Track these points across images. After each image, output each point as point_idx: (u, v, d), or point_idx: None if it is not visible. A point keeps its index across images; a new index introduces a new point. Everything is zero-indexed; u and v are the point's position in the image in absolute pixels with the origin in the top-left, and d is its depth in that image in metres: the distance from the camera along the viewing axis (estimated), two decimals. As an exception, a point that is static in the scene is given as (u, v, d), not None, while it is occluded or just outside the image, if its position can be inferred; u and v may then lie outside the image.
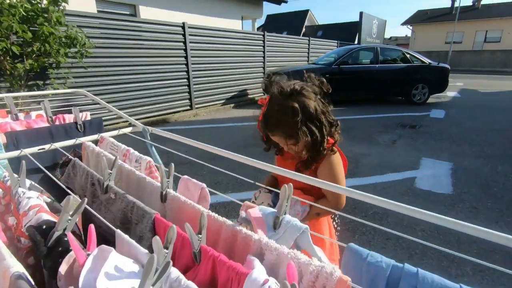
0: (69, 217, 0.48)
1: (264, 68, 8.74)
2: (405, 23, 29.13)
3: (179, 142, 0.91)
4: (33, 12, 3.53)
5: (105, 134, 1.01)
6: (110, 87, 5.17)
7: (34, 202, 0.56)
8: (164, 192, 0.64)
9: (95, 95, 4.76)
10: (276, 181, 1.19)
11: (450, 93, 9.43)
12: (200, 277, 0.45)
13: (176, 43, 6.17)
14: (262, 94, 8.66)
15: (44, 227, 0.49)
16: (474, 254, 1.99)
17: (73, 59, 4.31)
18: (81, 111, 1.15)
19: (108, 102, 5.18)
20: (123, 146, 0.94)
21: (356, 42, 17.00)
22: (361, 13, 13.01)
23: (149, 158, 0.85)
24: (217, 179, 3.20)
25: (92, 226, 0.44)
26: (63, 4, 3.83)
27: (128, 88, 5.45)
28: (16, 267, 0.41)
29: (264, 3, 11.54)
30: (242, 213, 0.56)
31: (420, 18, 28.59)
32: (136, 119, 4.91)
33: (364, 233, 2.23)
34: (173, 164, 0.66)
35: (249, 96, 8.46)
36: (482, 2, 26.75)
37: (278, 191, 0.90)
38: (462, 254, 0.53)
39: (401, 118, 6.09)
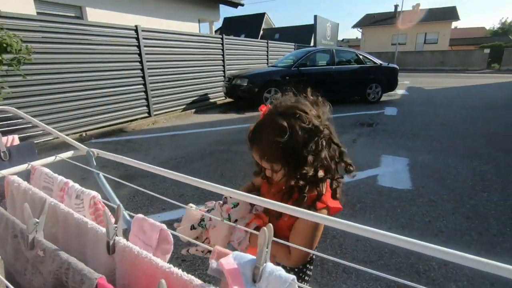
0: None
1: (224, 71, 8.61)
2: (355, 26, 30.98)
3: (139, 152, 0.77)
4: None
5: (38, 162, 0.83)
6: (56, 96, 4.68)
7: None
8: (111, 242, 0.51)
9: (38, 105, 4.30)
10: (256, 193, 1.08)
11: (399, 91, 10.14)
12: None
13: (129, 47, 5.79)
14: (224, 98, 8.52)
15: None
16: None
17: (9, 66, 3.82)
18: (7, 132, 0.95)
19: (54, 113, 4.73)
20: (60, 178, 0.76)
21: (312, 44, 17.60)
22: (315, 16, 13.46)
23: (93, 193, 0.69)
24: (181, 191, 3.01)
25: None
26: None
27: (77, 96, 4.98)
28: None
29: (221, 6, 11.42)
30: (213, 263, 0.45)
31: (368, 21, 30.63)
32: (89, 130, 4.53)
33: (335, 237, 2.22)
34: (121, 205, 0.53)
35: (211, 101, 8.27)
36: (420, 7, 29.41)
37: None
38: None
39: (359, 117, 6.37)
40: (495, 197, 2.78)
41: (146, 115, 6.32)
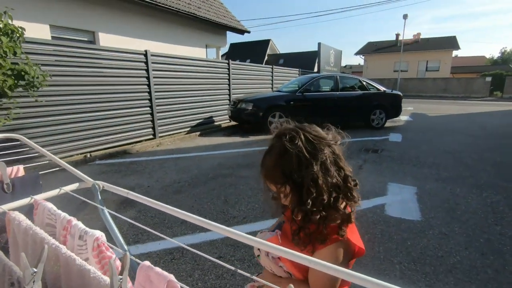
0: None
1: (229, 95, 8.75)
2: (358, 53, 31.79)
3: (142, 174, 0.74)
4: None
5: (40, 196, 0.80)
6: (63, 117, 4.74)
7: None
8: (115, 295, 0.46)
9: (45, 126, 4.35)
10: None
11: (403, 117, 10.17)
12: None
13: (138, 71, 5.94)
14: (229, 121, 8.60)
15: None
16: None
17: (22, 89, 3.92)
18: (11, 162, 0.93)
19: (61, 134, 4.76)
20: (63, 215, 0.73)
21: (315, 70, 17.99)
22: (319, 44, 13.86)
23: (97, 234, 0.65)
24: (180, 219, 2.94)
25: None
26: (17, 35, 3.56)
27: (84, 118, 5.04)
28: None
29: (228, 32, 11.83)
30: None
31: (371, 49, 31.45)
32: (94, 151, 4.53)
33: None
34: (128, 254, 0.50)
35: (215, 124, 8.34)
36: (421, 37, 30.25)
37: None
38: None
39: (364, 142, 6.34)
40: (509, 231, 2.67)
41: (151, 137, 6.36)
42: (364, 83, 8.24)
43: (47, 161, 4.36)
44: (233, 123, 8.43)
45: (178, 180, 3.97)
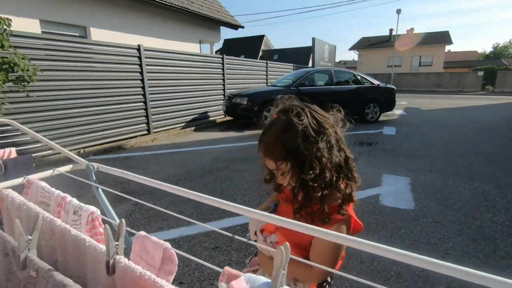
0: None
1: (224, 90, 8.71)
2: (352, 48, 31.87)
3: (137, 169, 0.74)
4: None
5: (35, 176, 0.79)
6: (56, 113, 4.68)
7: None
8: (111, 261, 0.46)
9: (37, 122, 4.30)
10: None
11: (397, 111, 10.26)
12: None
13: (131, 66, 5.88)
14: (223, 116, 8.57)
15: None
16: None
17: (14, 84, 3.85)
18: (5, 146, 0.92)
19: (54, 129, 4.72)
20: (57, 192, 0.73)
21: (310, 65, 17.99)
22: (313, 39, 13.85)
23: (92, 208, 0.65)
24: (180, 209, 2.94)
25: None
26: (4, 27, 3.46)
27: (77, 113, 4.98)
28: None
29: (222, 28, 11.74)
30: (223, 285, 0.41)
31: (364, 44, 31.54)
32: (87, 147, 4.50)
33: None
34: (123, 221, 0.50)
35: (210, 119, 8.31)
36: (414, 32, 30.42)
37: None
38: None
39: (358, 136, 6.39)
40: (501, 218, 2.72)
41: (146, 132, 6.31)
42: (359, 77, 8.28)
43: (39, 146, 4.33)
44: (228, 118, 8.42)
45: (173, 174, 3.96)
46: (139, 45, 5.97)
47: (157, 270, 0.49)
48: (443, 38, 27.82)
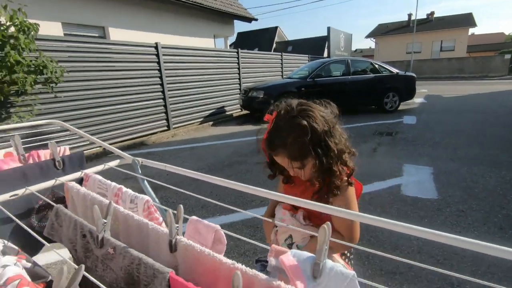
0: (63, 292, 0.38)
1: (240, 84, 8.77)
2: (369, 36, 30.94)
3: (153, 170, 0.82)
4: (-1, 39, 3.32)
5: (90, 170, 0.89)
6: (81, 112, 4.91)
7: (13, 271, 0.44)
8: (173, 241, 0.54)
9: (66, 121, 4.54)
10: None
11: (417, 99, 9.96)
12: None
13: (150, 64, 6.04)
14: (240, 110, 8.65)
15: (30, 308, 0.38)
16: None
17: (41, 86, 4.08)
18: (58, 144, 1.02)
19: (79, 128, 4.94)
20: (113, 184, 0.82)
21: (325, 55, 17.68)
22: (328, 28, 13.60)
23: (146, 197, 0.74)
24: (203, 202, 3.05)
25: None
26: (32, 32, 3.65)
27: (101, 112, 5.20)
28: None
29: (235, 21, 11.74)
30: (273, 260, 0.48)
31: (382, 31, 30.54)
32: (111, 144, 4.74)
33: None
34: (181, 206, 0.57)
35: (227, 113, 8.41)
36: (435, 15, 29.11)
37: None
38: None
39: (377, 126, 6.29)
40: (529, 207, 2.65)
41: (166, 128, 6.50)
42: (376, 65, 8.09)
43: (80, 143, 4.66)
44: (244, 111, 8.49)
45: (195, 169, 4.09)
46: (156, 43, 6.11)
47: (208, 250, 0.56)
48: (466, 20, 26.47)
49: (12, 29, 3.54)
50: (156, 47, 6.10)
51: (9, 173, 0.84)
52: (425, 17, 29.20)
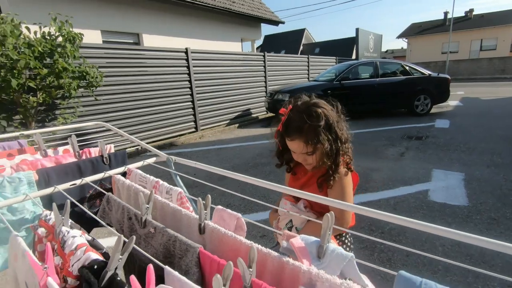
0: (120, 256, 0.49)
1: (266, 87, 8.89)
2: (400, 36, 29.80)
3: (186, 165, 0.94)
4: (48, 47, 3.69)
5: (131, 166, 1.03)
6: (117, 114, 5.28)
7: (80, 241, 0.57)
8: (202, 224, 0.65)
9: (104, 122, 4.90)
10: None
11: (452, 102, 9.48)
12: (254, 312, 0.45)
13: (180, 68, 6.34)
14: (265, 112, 8.76)
15: (95, 267, 0.50)
16: (499, 268, 1.94)
17: (83, 90, 4.46)
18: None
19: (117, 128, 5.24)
20: (152, 177, 0.96)
21: (353, 57, 17.33)
22: (357, 29, 13.35)
23: (179, 189, 0.86)
24: (228, 201, 3.18)
25: (150, 266, 0.44)
26: (77, 41, 4.02)
27: (135, 114, 5.56)
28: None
29: (262, 24, 11.90)
30: (284, 243, 0.56)
31: (414, 31, 29.27)
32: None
33: (383, 251, 2.19)
34: (209, 196, 0.68)
35: (253, 115, 8.56)
36: (474, 12, 27.40)
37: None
38: (486, 268, 0.52)
39: (406, 130, 6.10)
40: None
41: (194, 130, 6.77)
42: (407, 67, 7.83)
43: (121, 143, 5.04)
44: (270, 114, 8.59)
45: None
46: (186, 48, 6.40)
47: (231, 232, 0.66)
48: (511, 17, 24.62)
49: (60, 38, 3.92)
50: (186, 52, 6.40)
51: (67, 166, 1.00)
52: (463, 14, 27.60)
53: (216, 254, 0.59)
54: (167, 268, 0.51)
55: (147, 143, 5.77)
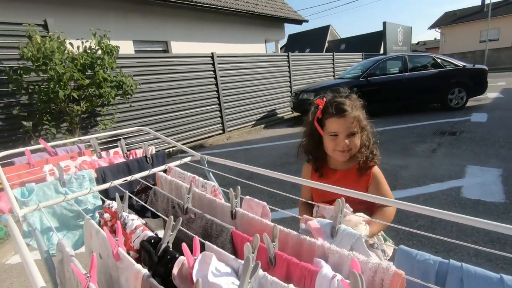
0: (171, 233, 0.62)
1: (290, 87, 8.94)
2: (433, 26, 28.26)
3: (217, 165, 1.07)
4: (89, 60, 4.06)
5: (172, 164, 1.19)
6: (149, 119, 5.63)
7: (138, 222, 0.72)
8: (234, 211, 0.77)
9: (137, 126, 5.22)
10: (309, 208, 1.21)
11: (491, 94, 8.89)
12: (277, 277, 0.56)
13: (207, 72, 6.60)
14: (291, 112, 8.81)
15: (152, 241, 0.64)
16: (537, 265, 1.87)
17: (119, 97, 4.83)
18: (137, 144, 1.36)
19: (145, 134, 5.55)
20: (189, 174, 1.10)
21: (381, 51, 16.78)
22: (384, 23, 12.94)
23: (213, 183, 1.00)
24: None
25: (196, 237, 0.57)
26: (115, 53, 4.37)
27: (165, 118, 5.88)
28: (144, 270, 0.56)
29: (286, 24, 11.93)
30: (302, 225, 0.67)
31: (449, 20, 27.59)
32: (174, 147, 5.30)
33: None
34: (239, 187, 0.80)
35: (278, 116, 8.64)
36: (517, -4, 25.25)
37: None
38: None
39: (438, 125, 5.86)
40: None
41: (221, 131, 7.00)
42: (439, 60, 7.49)
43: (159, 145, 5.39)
44: (295, 114, 8.62)
45: (248, 168, 4.39)
46: (212, 53, 6.65)
47: (258, 217, 0.77)
48: (560, -2, 22.41)
49: (99, 51, 4.29)
50: (212, 57, 6.64)
51: (119, 165, 1.18)
52: (503, -1, 25.54)
53: (246, 235, 0.70)
54: (207, 243, 0.63)
55: (178, 145, 6.08)
